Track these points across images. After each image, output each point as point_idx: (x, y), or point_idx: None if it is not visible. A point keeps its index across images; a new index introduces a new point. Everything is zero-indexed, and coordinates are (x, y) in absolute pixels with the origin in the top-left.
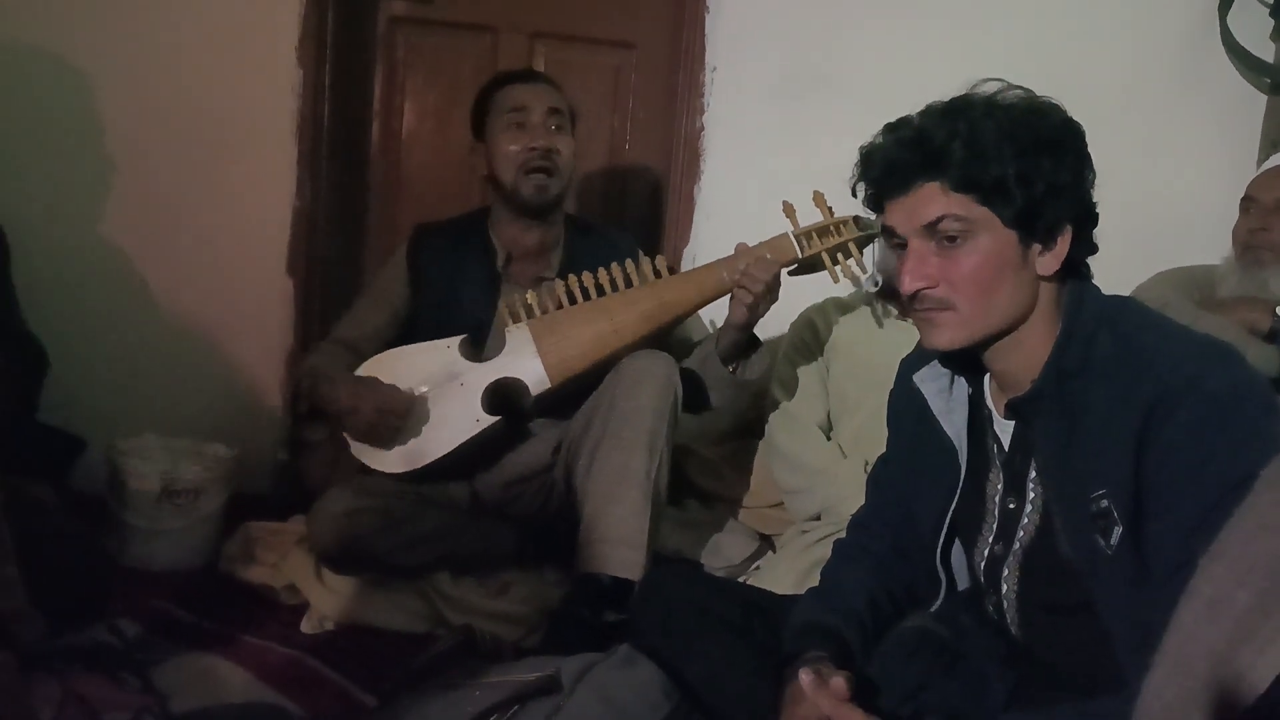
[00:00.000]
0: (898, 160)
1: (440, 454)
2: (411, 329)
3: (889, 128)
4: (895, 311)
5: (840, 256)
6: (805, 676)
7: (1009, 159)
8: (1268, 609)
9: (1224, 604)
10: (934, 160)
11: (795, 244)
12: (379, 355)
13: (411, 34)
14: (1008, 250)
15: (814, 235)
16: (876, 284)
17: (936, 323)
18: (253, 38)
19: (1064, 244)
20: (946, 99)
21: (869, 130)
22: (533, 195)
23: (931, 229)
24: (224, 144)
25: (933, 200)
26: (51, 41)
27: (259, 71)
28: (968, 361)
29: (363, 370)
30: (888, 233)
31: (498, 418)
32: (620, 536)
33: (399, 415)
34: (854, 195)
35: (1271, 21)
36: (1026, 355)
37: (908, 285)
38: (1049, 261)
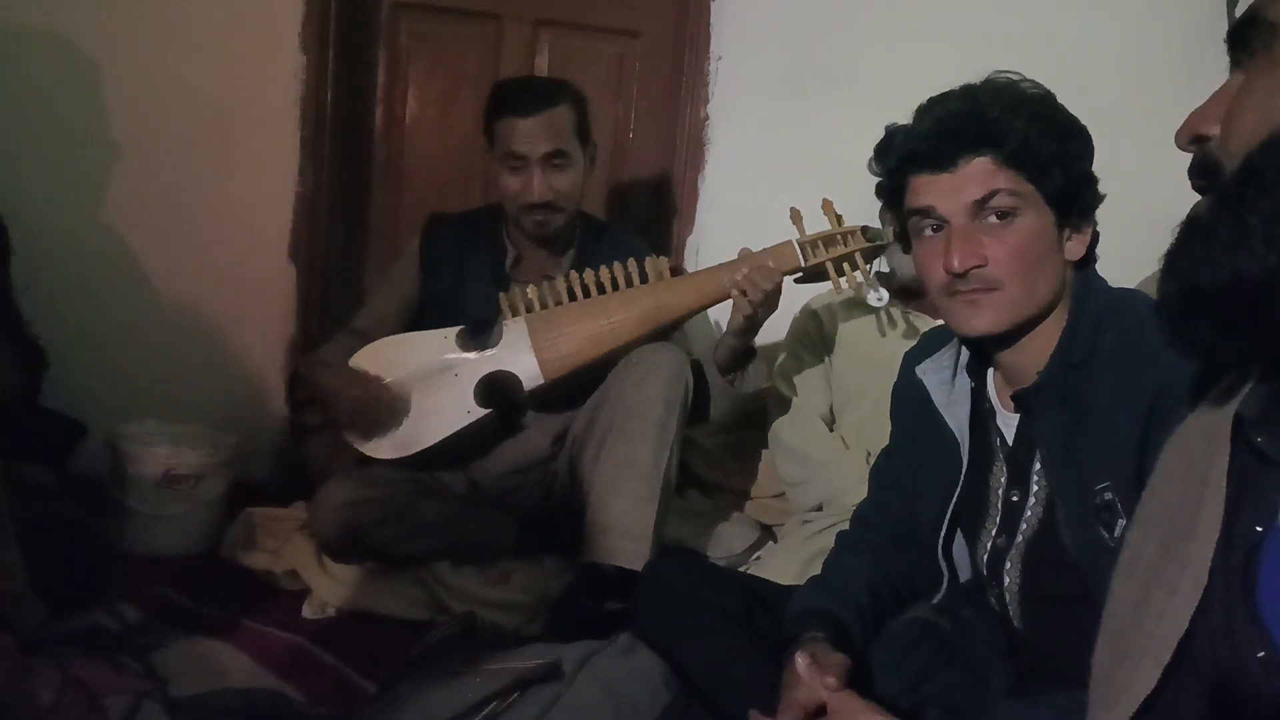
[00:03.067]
0: (949, 133)
1: (431, 443)
2: (420, 318)
3: (932, 102)
4: (900, 318)
5: (846, 267)
6: (801, 660)
7: (1052, 139)
8: (1170, 551)
9: (1137, 560)
10: (991, 133)
11: (799, 252)
12: (377, 342)
13: (415, 20)
14: (1048, 231)
15: (820, 244)
16: (880, 300)
17: (982, 304)
18: (256, 23)
19: (1089, 229)
20: (974, 82)
21: (873, 122)
22: (533, 230)
23: (981, 205)
24: (226, 129)
25: (985, 176)
26: (55, 27)
27: (262, 57)
28: (977, 354)
29: (359, 356)
30: (922, 213)
31: (489, 410)
32: (624, 528)
33: (375, 410)
34: (873, 173)
35: None
36: (1037, 346)
37: (959, 264)
38: (1076, 246)
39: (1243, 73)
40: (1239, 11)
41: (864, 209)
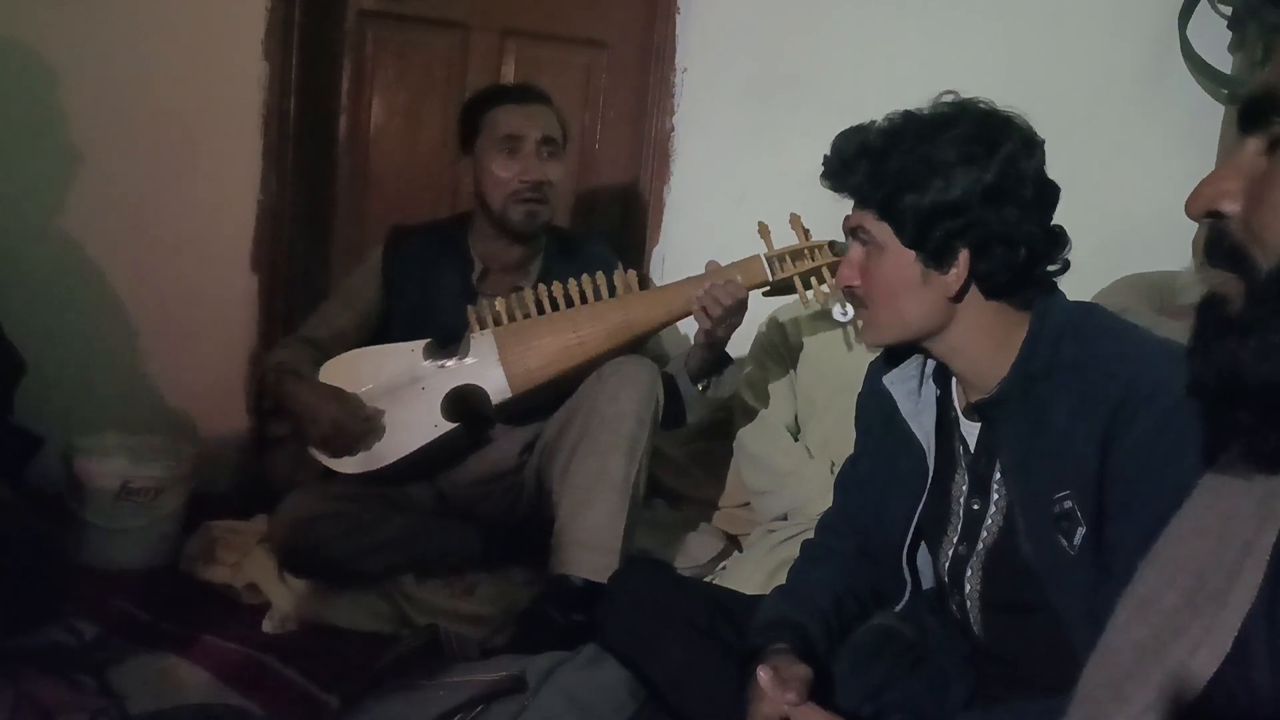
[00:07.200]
0: (832, 170)
1: (397, 458)
2: (382, 333)
3: (839, 135)
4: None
5: (813, 281)
6: (763, 674)
7: (890, 184)
8: (1196, 607)
9: (1152, 602)
10: (842, 180)
11: (767, 266)
12: (343, 355)
13: (381, 29)
14: (906, 269)
15: (787, 258)
16: (846, 315)
17: (864, 320)
18: (219, 30)
19: (962, 268)
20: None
21: (838, 132)
22: (522, 221)
23: (855, 235)
24: (188, 137)
25: (856, 212)
26: (14, 31)
27: (225, 64)
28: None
29: (326, 368)
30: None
31: (456, 424)
32: (594, 540)
33: (355, 435)
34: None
35: (1230, 33)
36: (983, 360)
37: (839, 281)
38: (953, 281)
39: (1268, 159)
40: (1189, 29)
41: (831, 220)
